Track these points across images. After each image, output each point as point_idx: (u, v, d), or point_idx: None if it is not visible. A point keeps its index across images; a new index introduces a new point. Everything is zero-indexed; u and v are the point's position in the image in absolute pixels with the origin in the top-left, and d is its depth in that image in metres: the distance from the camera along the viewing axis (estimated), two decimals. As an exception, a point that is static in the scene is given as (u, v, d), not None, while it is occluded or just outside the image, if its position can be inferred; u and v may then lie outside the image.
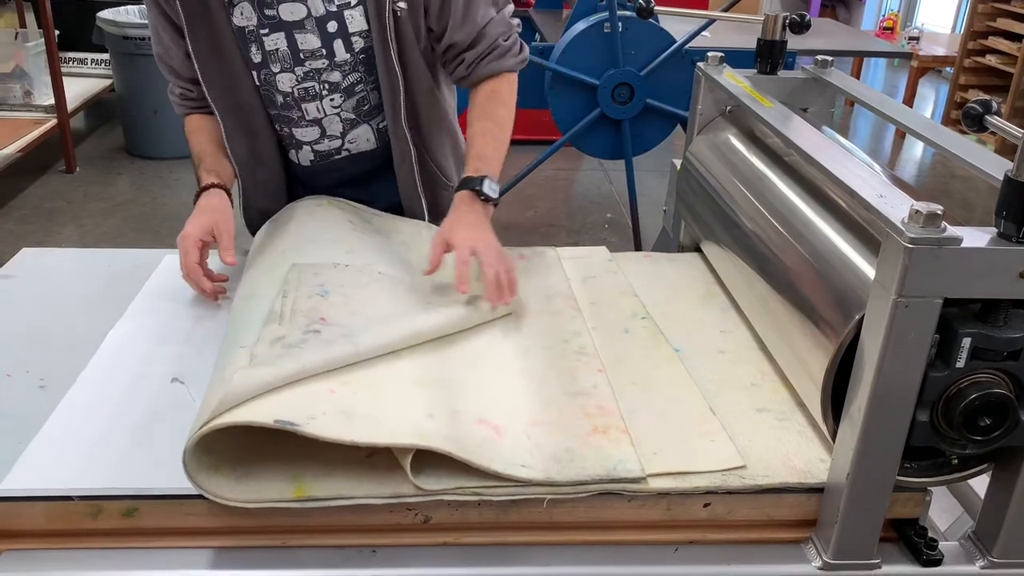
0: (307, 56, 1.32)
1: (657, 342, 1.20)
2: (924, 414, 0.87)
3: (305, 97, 1.36)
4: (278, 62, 1.32)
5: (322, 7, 1.28)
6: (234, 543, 0.92)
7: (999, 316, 0.84)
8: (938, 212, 0.80)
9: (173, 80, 1.42)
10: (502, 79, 1.39)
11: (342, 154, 1.44)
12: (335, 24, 1.29)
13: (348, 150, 1.44)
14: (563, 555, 0.94)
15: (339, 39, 1.30)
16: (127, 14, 4.58)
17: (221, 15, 1.28)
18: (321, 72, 1.33)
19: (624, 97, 3.21)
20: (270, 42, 1.30)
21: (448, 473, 0.91)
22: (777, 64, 1.46)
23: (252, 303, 1.08)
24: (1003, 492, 0.93)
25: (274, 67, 1.33)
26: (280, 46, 1.31)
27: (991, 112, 0.89)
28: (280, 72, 1.33)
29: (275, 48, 1.31)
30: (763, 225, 1.20)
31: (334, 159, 1.44)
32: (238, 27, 1.29)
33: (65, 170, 4.31)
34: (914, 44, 5.63)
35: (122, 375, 1.10)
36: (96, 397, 1.06)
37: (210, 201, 1.31)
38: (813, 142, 1.11)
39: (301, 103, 1.36)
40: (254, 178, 1.45)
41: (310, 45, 1.30)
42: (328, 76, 1.34)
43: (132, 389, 1.07)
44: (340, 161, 1.44)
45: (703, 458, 0.96)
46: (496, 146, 1.36)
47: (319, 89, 1.35)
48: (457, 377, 1.06)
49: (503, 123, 1.38)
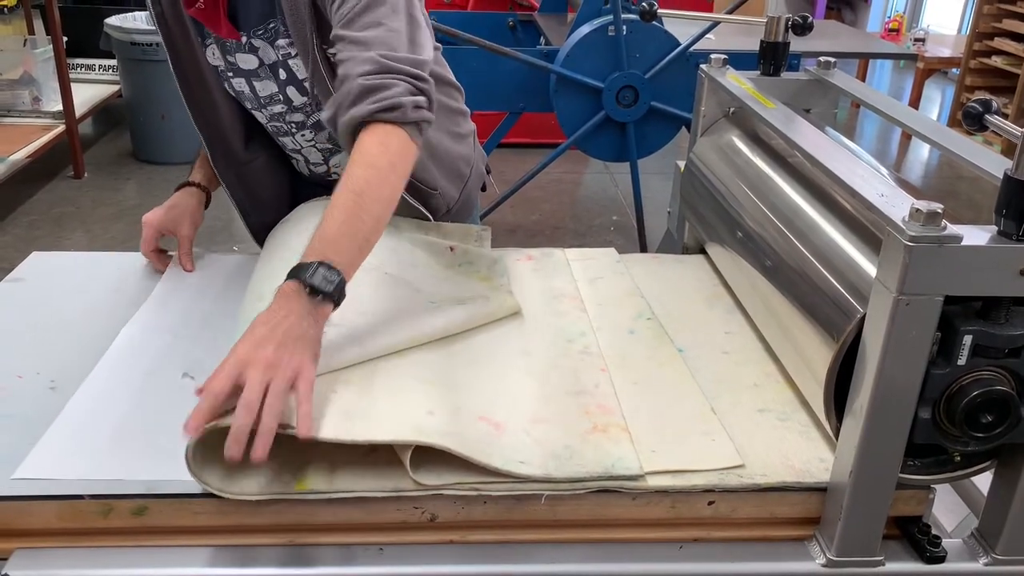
0: (267, 101, 1.32)
1: (661, 342, 1.21)
2: (926, 411, 0.88)
3: (278, 132, 1.37)
4: (247, 101, 1.34)
5: (272, 54, 1.26)
6: (242, 541, 0.93)
7: (1000, 313, 0.85)
8: (938, 211, 0.80)
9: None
10: (364, 135, 1.06)
11: (332, 176, 1.45)
12: (284, 72, 1.28)
13: (336, 172, 1.44)
14: (568, 553, 0.95)
15: (291, 86, 1.29)
16: (134, 20, 4.60)
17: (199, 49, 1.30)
18: (283, 115, 1.34)
19: (629, 100, 3.22)
20: (236, 84, 1.32)
21: (448, 469, 0.92)
22: (780, 66, 1.46)
23: (260, 304, 1.09)
24: (1006, 489, 0.94)
25: (246, 104, 1.35)
26: (244, 89, 1.32)
27: (991, 111, 0.89)
28: (252, 109, 1.36)
29: (241, 91, 1.33)
30: (766, 225, 1.20)
31: (328, 179, 1.45)
32: (211, 65, 1.32)
33: (73, 176, 4.34)
34: (920, 46, 5.63)
35: (133, 372, 1.11)
36: (106, 393, 1.07)
37: (183, 199, 1.40)
38: (815, 143, 1.12)
39: (278, 136, 1.38)
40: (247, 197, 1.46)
41: (268, 91, 1.31)
42: (291, 117, 1.34)
43: (142, 386, 1.09)
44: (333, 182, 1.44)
45: (702, 457, 0.97)
46: (347, 221, 1.00)
47: (287, 127, 1.36)
48: (460, 375, 1.07)
49: (363, 192, 1.01)
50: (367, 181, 1.02)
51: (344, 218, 1.00)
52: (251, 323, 0.92)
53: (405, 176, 1.08)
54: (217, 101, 1.34)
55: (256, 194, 1.45)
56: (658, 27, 3.18)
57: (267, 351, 0.88)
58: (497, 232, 1.51)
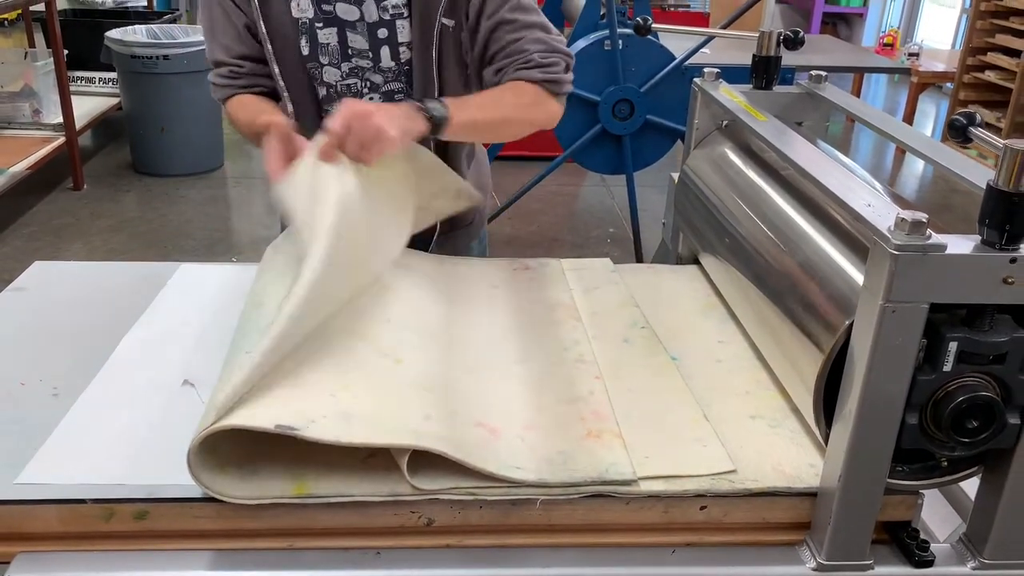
0: (354, 54, 1.36)
1: (655, 351, 1.23)
2: (913, 417, 0.90)
3: (347, 92, 1.40)
4: (327, 55, 1.36)
5: (376, 13, 1.32)
6: (242, 545, 0.94)
7: (984, 321, 0.87)
8: (923, 220, 0.82)
9: (222, 56, 1.39)
10: (526, 83, 1.33)
11: None
12: (385, 31, 1.34)
13: None
14: (562, 557, 0.97)
15: (386, 46, 1.35)
16: (135, 34, 4.64)
17: (281, 4, 1.33)
18: (365, 71, 1.38)
19: (625, 113, 3.25)
20: (323, 36, 1.34)
21: (444, 473, 0.93)
22: (772, 79, 1.49)
23: (260, 311, 1.11)
24: (992, 494, 0.95)
25: (323, 59, 1.37)
26: (331, 41, 1.35)
27: (975, 124, 0.92)
28: (328, 65, 1.37)
29: (327, 42, 1.35)
30: (757, 235, 1.22)
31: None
32: (294, 17, 1.34)
33: (73, 187, 4.36)
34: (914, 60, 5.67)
35: (134, 379, 1.13)
36: (108, 399, 1.09)
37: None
38: (806, 155, 1.14)
39: (343, 97, 1.40)
40: None
41: (359, 45, 1.35)
42: (371, 76, 1.38)
43: (143, 393, 1.10)
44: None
45: (694, 462, 0.99)
46: (482, 110, 1.29)
47: (361, 86, 1.39)
48: (457, 382, 1.08)
49: (503, 104, 1.31)
50: (510, 105, 1.32)
51: (479, 104, 1.29)
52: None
53: (532, 127, 1.38)
54: (294, 58, 1.35)
55: None
56: (653, 42, 3.21)
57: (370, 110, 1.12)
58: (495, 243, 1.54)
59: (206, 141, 4.71)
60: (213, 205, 4.32)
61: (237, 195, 4.52)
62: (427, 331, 1.17)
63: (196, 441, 0.87)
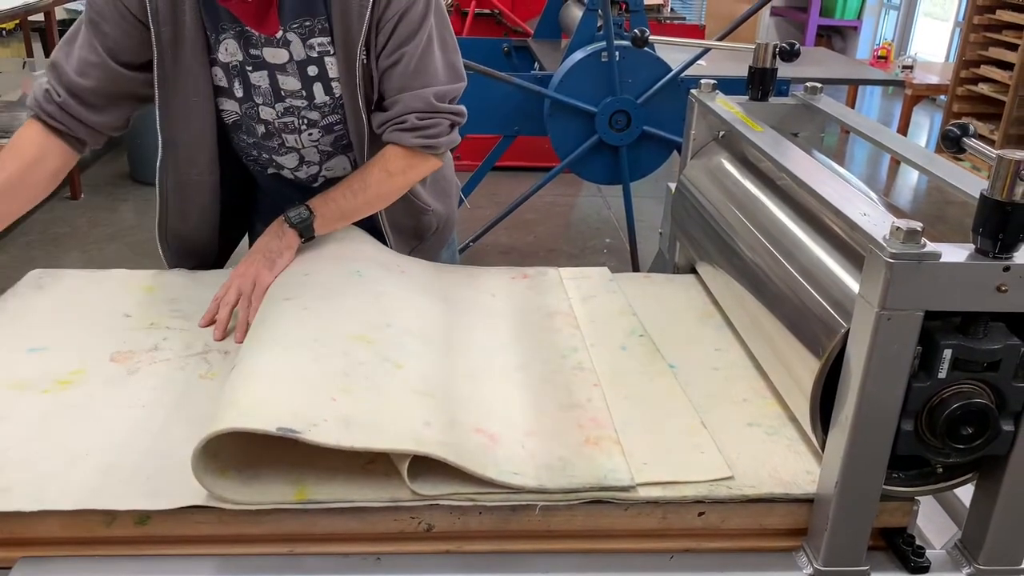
0: (287, 95, 1.36)
1: (652, 359, 1.24)
2: (908, 424, 0.91)
3: (285, 129, 1.40)
4: (260, 96, 1.36)
5: (303, 52, 1.31)
6: (243, 551, 0.95)
7: (979, 328, 0.88)
8: (917, 229, 0.83)
9: (62, 87, 1.30)
10: (398, 150, 1.35)
11: (319, 180, 1.48)
12: (315, 68, 1.33)
13: (324, 176, 1.48)
14: (561, 563, 0.97)
15: (318, 83, 1.34)
16: (133, 44, 4.65)
17: (196, 49, 1.30)
18: (300, 109, 1.37)
19: (621, 124, 3.27)
20: (254, 78, 1.34)
21: (444, 479, 0.94)
22: (768, 91, 1.50)
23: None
24: (987, 500, 0.96)
25: (256, 99, 1.37)
26: (263, 84, 1.35)
27: (968, 135, 0.93)
28: (263, 105, 1.37)
29: (259, 84, 1.35)
30: (754, 245, 1.24)
31: (313, 185, 1.48)
32: (222, 62, 1.33)
33: (70, 196, 4.36)
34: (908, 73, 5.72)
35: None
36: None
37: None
38: (802, 165, 1.15)
39: (281, 133, 1.41)
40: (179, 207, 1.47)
41: (291, 86, 1.35)
42: (307, 114, 1.38)
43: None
44: (318, 187, 1.47)
45: (692, 469, 1.00)
46: (348, 198, 1.35)
47: (298, 124, 1.39)
48: (457, 388, 1.09)
49: (370, 184, 1.35)
50: (378, 182, 1.36)
51: (344, 192, 1.36)
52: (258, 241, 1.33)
53: (407, 188, 1.42)
54: (192, 107, 1.35)
55: (186, 210, 1.47)
56: (650, 53, 3.24)
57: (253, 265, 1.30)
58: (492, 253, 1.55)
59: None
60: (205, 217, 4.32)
61: (234, 205, 4.53)
62: (427, 337, 1.18)
63: (200, 444, 0.88)
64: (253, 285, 1.28)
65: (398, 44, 1.30)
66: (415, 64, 1.31)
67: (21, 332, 1.26)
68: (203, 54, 1.32)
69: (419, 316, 1.23)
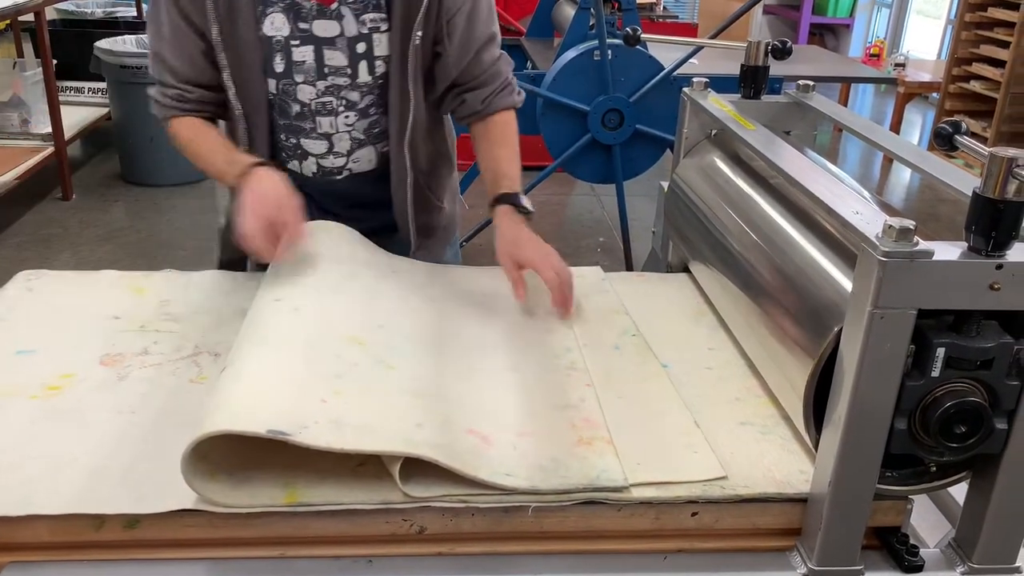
0: (331, 72, 1.36)
1: (645, 358, 1.24)
2: (902, 422, 0.90)
3: (322, 111, 1.40)
4: (302, 73, 1.36)
5: (355, 28, 1.33)
6: (233, 554, 0.94)
7: (972, 327, 0.88)
8: (910, 227, 0.83)
9: (169, 79, 1.38)
10: (511, 113, 1.47)
11: (343, 173, 1.47)
12: (364, 46, 1.35)
13: (350, 169, 1.47)
14: (555, 564, 0.97)
15: (364, 61, 1.36)
16: (124, 44, 4.63)
17: (248, 22, 1.31)
18: (341, 89, 1.38)
19: (614, 123, 3.27)
20: (298, 53, 1.34)
21: (436, 481, 0.94)
22: (760, 89, 1.50)
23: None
24: (981, 499, 0.96)
25: (297, 77, 1.36)
26: (307, 59, 1.35)
27: (960, 132, 0.93)
28: (303, 83, 1.37)
29: (302, 60, 1.35)
30: (747, 243, 1.23)
31: (334, 177, 1.48)
32: (265, 36, 1.33)
33: (62, 197, 4.34)
34: (900, 70, 5.73)
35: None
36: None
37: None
38: (794, 163, 1.15)
39: (316, 116, 1.40)
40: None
41: (336, 62, 1.35)
42: (347, 94, 1.39)
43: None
44: (341, 181, 1.48)
45: (685, 469, 0.99)
46: (519, 170, 1.45)
47: (336, 105, 1.39)
48: (449, 389, 1.09)
49: (518, 151, 1.47)
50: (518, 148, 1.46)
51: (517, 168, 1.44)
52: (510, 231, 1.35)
53: None
54: (253, 79, 1.36)
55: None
56: (642, 52, 3.23)
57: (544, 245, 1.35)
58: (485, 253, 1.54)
59: (195, 151, 4.70)
60: (202, 215, 4.31)
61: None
62: (419, 337, 1.18)
63: (190, 446, 0.87)
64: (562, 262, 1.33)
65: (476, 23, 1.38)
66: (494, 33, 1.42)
67: (9, 334, 1.25)
68: (256, 26, 1.32)
69: (411, 317, 1.23)
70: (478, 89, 1.44)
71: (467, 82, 1.43)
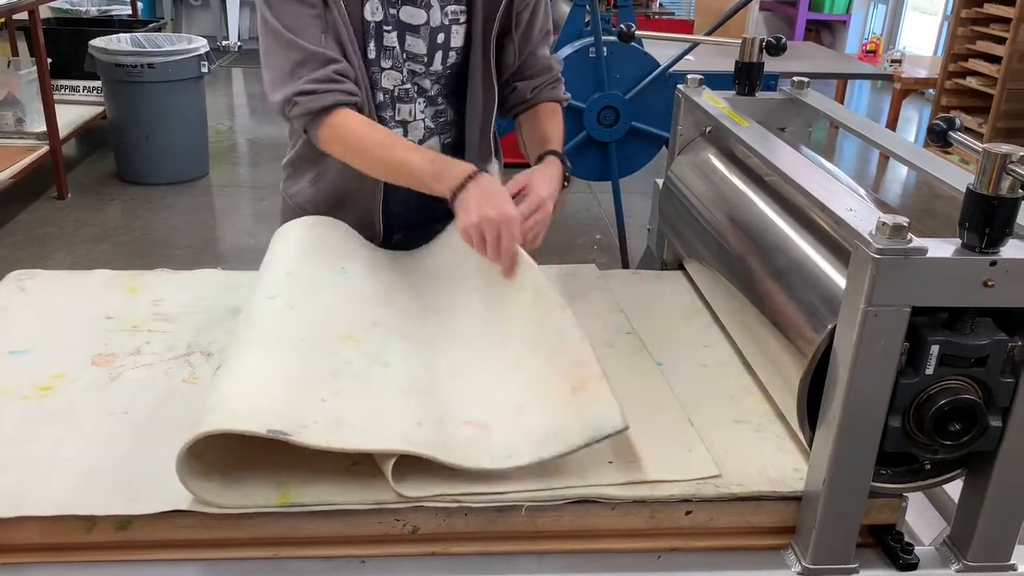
0: (409, 58, 1.37)
1: (640, 356, 1.23)
2: (896, 420, 0.90)
3: (403, 98, 1.39)
4: (391, 59, 1.36)
5: (439, 18, 1.34)
6: (226, 555, 0.94)
7: (966, 324, 0.87)
8: (904, 224, 0.83)
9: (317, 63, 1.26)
10: (557, 105, 1.50)
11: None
12: (443, 36, 1.36)
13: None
14: (549, 564, 0.97)
15: (440, 51, 1.37)
16: (119, 42, 4.62)
17: (355, 5, 1.30)
18: (416, 75, 1.39)
19: (610, 120, 3.26)
20: (388, 39, 1.34)
21: (429, 481, 0.93)
22: (755, 85, 1.50)
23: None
24: (975, 496, 0.96)
25: (385, 63, 1.36)
26: (394, 44, 1.35)
27: (955, 128, 0.92)
28: (390, 69, 1.37)
29: (391, 46, 1.35)
30: (741, 240, 1.23)
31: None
32: (366, 20, 1.32)
33: (57, 196, 4.33)
34: (896, 67, 5.72)
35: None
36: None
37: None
38: (788, 160, 1.15)
39: (397, 103, 1.40)
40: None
41: (416, 50, 1.36)
42: (420, 81, 1.40)
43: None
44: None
45: (680, 467, 0.99)
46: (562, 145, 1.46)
47: (414, 92, 1.40)
48: (444, 384, 1.08)
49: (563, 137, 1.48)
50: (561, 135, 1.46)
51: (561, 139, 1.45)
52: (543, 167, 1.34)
53: None
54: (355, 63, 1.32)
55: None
56: (638, 49, 3.23)
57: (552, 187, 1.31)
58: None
59: (191, 150, 4.68)
60: (198, 214, 4.30)
61: (222, 204, 4.50)
62: (412, 334, 1.17)
63: (186, 446, 0.86)
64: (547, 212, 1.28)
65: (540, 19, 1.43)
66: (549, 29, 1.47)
67: (1, 334, 1.24)
68: (360, 10, 1.31)
69: (403, 313, 1.22)
70: (529, 80, 1.46)
71: (520, 74, 1.46)
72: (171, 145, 4.57)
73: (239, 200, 4.52)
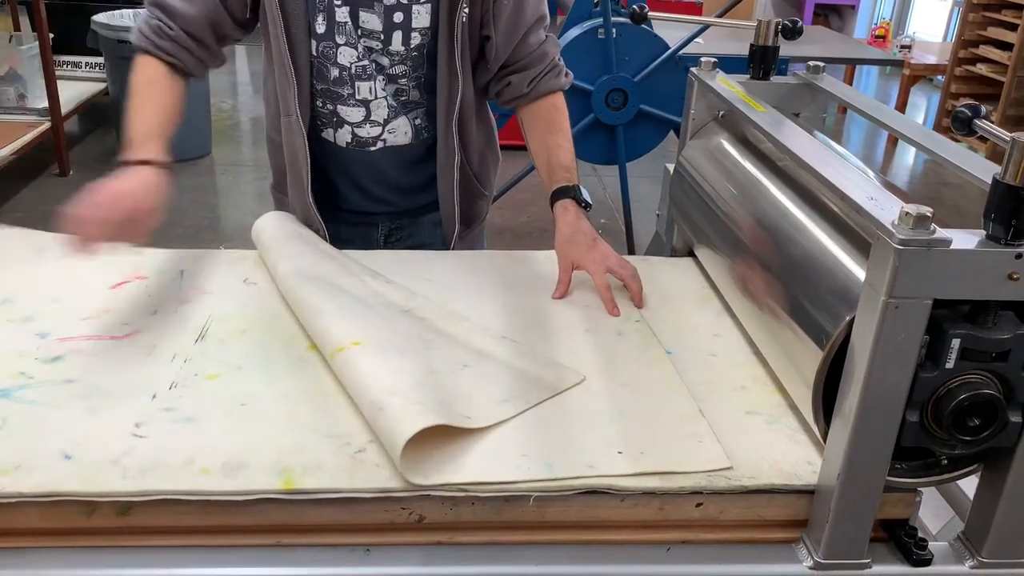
0: (364, 34, 1.34)
1: (649, 344, 1.21)
2: (914, 415, 0.88)
3: (361, 75, 1.37)
4: (344, 35, 1.34)
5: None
6: (228, 542, 0.92)
7: (988, 317, 0.85)
8: (927, 214, 0.80)
9: (174, 22, 1.34)
10: (559, 96, 1.47)
11: (378, 145, 1.44)
12: (400, 16, 1.33)
13: (384, 140, 1.44)
14: (556, 554, 0.95)
15: (399, 31, 1.34)
16: (122, 18, 4.58)
17: None
18: (373, 52, 1.36)
19: (618, 103, 3.23)
20: (340, 14, 1.32)
21: (436, 469, 0.92)
22: (770, 69, 1.47)
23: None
24: (992, 492, 0.94)
25: (339, 39, 1.34)
26: (345, 20, 1.32)
27: (980, 116, 0.90)
28: (344, 45, 1.35)
29: (344, 21, 1.32)
30: (754, 228, 1.21)
31: (369, 149, 1.45)
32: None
33: (59, 173, 4.31)
34: (906, 52, 5.68)
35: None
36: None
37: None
38: (805, 146, 1.12)
39: (355, 80, 1.38)
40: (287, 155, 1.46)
41: (371, 26, 1.33)
42: (378, 58, 1.37)
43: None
44: (375, 153, 1.45)
45: (690, 459, 0.97)
46: (573, 157, 1.45)
47: (372, 70, 1.37)
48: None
49: (570, 136, 1.46)
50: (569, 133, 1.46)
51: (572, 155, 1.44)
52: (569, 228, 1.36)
53: None
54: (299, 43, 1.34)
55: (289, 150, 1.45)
56: (648, 30, 3.19)
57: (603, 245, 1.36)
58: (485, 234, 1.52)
59: (193, 128, 4.66)
60: (200, 193, 4.28)
61: (225, 183, 4.48)
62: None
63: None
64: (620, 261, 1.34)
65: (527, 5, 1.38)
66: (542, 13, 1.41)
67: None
68: None
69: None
70: (524, 71, 1.43)
71: (512, 63, 1.42)
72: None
73: (242, 179, 4.50)
